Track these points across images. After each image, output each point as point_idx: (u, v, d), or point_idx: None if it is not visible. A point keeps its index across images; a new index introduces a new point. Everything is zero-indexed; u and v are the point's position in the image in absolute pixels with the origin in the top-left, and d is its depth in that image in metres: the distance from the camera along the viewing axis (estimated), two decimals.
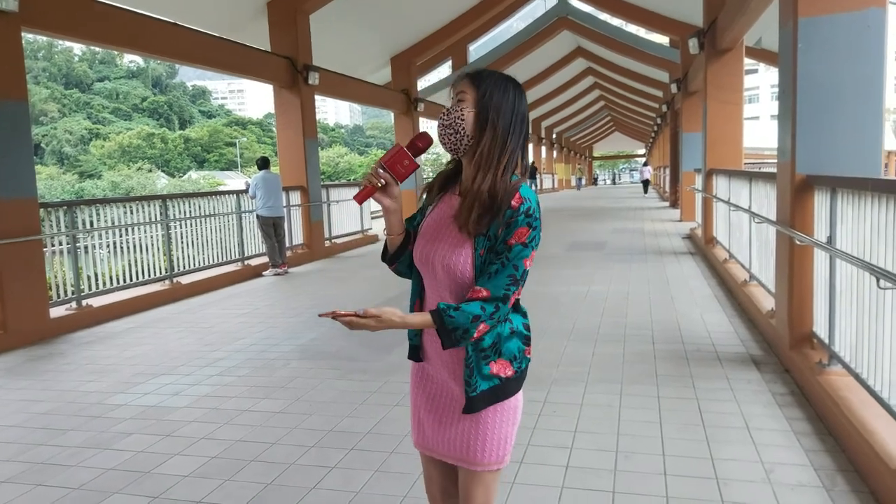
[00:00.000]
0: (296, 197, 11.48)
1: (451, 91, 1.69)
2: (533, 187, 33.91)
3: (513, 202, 1.58)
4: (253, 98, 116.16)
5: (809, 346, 4.21)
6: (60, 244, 7.03)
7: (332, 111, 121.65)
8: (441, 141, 1.67)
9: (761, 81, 60.57)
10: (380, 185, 1.68)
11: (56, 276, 6.91)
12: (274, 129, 14.80)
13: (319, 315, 1.61)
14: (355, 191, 14.13)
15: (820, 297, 4.03)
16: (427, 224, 1.75)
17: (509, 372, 1.69)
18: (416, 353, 1.83)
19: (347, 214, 13.58)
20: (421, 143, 1.69)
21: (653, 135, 38.88)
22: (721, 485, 2.85)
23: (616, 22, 21.20)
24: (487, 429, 1.72)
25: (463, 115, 1.61)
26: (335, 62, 13.30)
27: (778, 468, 2.98)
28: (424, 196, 1.82)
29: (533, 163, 35.35)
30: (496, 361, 1.67)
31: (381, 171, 1.67)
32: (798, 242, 4.15)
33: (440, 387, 1.79)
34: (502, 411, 1.72)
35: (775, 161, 4.86)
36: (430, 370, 1.82)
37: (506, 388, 1.70)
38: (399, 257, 1.79)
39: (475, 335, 1.58)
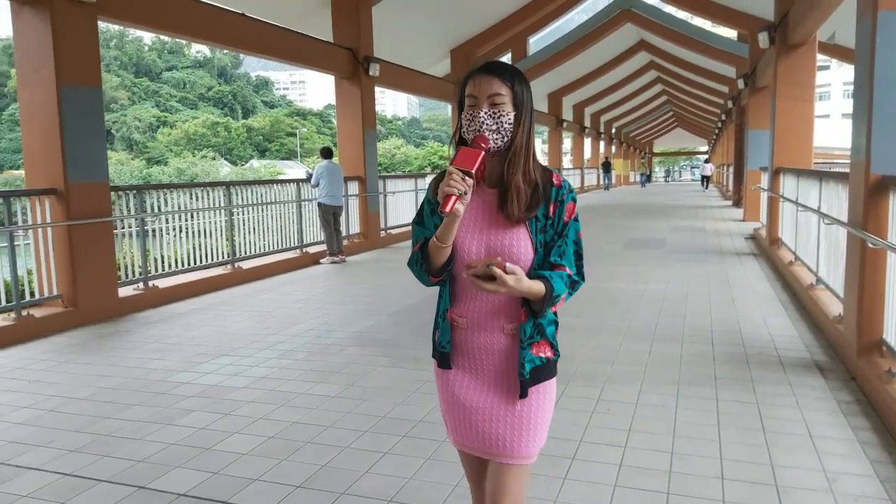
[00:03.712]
0: (354, 187, 11.62)
1: (475, 89, 1.65)
2: (605, 181, 34.47)
3: (553, 182, 1.71)
4: (313, 89, 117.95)
5: (878, 353, 4.05)
6: (129, 227, 7.32)
7: (391, 103, 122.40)
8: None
9: (833, 78, 58.06)
10: (467, 191, 1.59)
11: (125, 258, 7.19)
12: (333, 120, 14.94)
13: (468, 268, 1.56)
14: (411, 183, 14.31)
15: (892, 302, 3.87)
16: (465, 224, 1.71)
17: (549, 353, 1.76)
18: (447, 360, 1.83)
19: (403, 206, 13.67)
20: (484, 143, 1.65)
21: (716, 131, 37.82)
22: (781, 492, 2.77)
23: (682, 15, 20.65)
24: (529, 421, 1.76)
25: (510, 118, 1.66)
26: (395, 53, 13.36)
27: (841, 478, 2.88)
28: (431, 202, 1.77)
29: (607, 158, 36.05)
30: (538, 343, 1.74)
31: (467, 177, 1.59)
32: (871, 245, 3.98)
33: (476, 384, 1.80)
34: (543, 402, 1.78)
35: (845, 161, 4.67)
36: (459, 374, 1.82)
37: (548, 369, 1.77)
38: (448, 267, 1.73)
39: (558, 304, 1.67)
